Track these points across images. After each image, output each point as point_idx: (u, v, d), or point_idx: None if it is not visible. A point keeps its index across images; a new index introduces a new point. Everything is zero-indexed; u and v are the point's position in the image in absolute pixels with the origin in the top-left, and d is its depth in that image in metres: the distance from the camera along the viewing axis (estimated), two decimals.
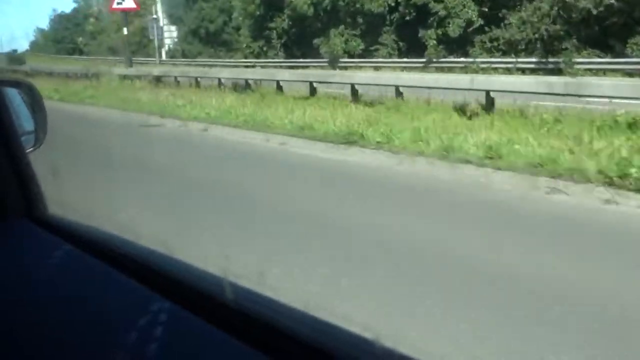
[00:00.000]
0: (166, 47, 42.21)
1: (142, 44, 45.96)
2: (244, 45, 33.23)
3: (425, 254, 3.90)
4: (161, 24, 40.98)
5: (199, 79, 18.77)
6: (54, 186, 1.49)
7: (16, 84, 1.65)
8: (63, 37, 61.08)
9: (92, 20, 56.56)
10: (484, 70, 19.31)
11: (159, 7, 42.81)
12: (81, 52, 54.63)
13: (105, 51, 47.02)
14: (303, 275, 3.35)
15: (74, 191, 4.08)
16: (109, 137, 9.28)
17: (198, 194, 5.55)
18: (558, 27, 19.18)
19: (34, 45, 65.45)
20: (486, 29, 21.59)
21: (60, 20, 63.56)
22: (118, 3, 25.50)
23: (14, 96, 1.65)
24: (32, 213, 1.05)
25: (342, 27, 26.85)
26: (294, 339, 0.66)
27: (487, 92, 9.88)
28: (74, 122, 11.62)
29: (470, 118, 9.53)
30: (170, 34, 41.44)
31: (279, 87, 15.12)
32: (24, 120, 1.63)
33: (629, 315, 2.95)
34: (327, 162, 7.72)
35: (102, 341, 0.73)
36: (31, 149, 1.51)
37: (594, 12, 17.83)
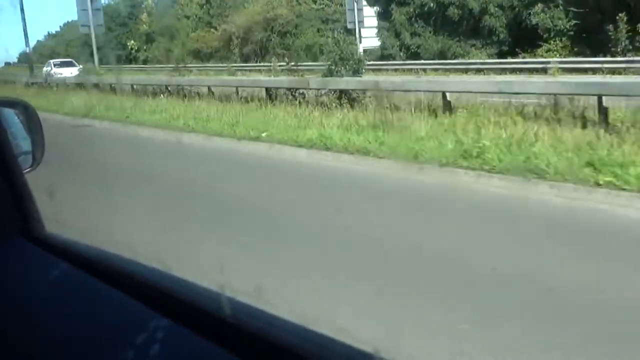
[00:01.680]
0: (372, 45, 25.32)
1: (262, 45, 30.80)
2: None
3: None
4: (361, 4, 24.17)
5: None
6: None
7: (12, 104, 1.66)
8: (107, 40, 41.55)
9: (144, 17, 41.86)
10: None
11: None
12: (134, 60, 39.36)
13: (182, 58, 31.66)
14: None
15: None
16: None
17: None
18: None
19: (23, 56, 45.98)
20: None
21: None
22: None
23: (11, 116, 1.65)
24: (29, 232, 1.05)
25: None
26: (293, 354, 0.66)
27: None
28: None
29: None
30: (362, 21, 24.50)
31: None
32: (22, 140, 1.63)
33: None
34: None
35: (100, 359, 0.73)
36: (29, 169, 1.51)
37: None
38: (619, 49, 17.88)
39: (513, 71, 19.47)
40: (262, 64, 28.80)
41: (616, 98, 8.00)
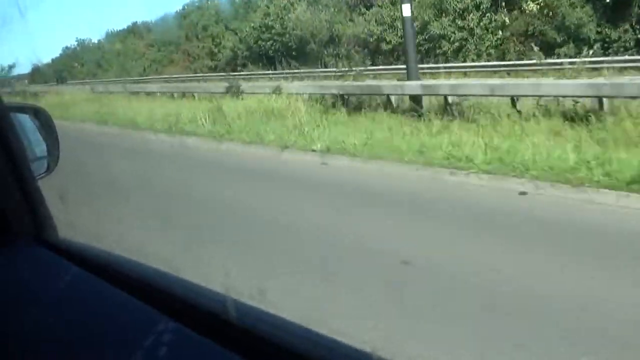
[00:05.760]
0: None
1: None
2: None
3: None
4: None
5: None
6: None
7: (26, 110, 1.67)
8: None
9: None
10: None
11: None
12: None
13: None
14: None
15: None
16: None
17: None
18: None
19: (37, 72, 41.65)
20: None
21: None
22: None
23: (26, 122, 1.67)
24: (42, 236, 1.07)
25: None
26: (297, 355, 0.67)
27: None
28: None
29: None
30: None
31: None
32: (36, 146, 1.65)
33: None
34: None
35: None
36: (43, 174, 1.52)
37: None
38: None
39: None
40: None
41: None
